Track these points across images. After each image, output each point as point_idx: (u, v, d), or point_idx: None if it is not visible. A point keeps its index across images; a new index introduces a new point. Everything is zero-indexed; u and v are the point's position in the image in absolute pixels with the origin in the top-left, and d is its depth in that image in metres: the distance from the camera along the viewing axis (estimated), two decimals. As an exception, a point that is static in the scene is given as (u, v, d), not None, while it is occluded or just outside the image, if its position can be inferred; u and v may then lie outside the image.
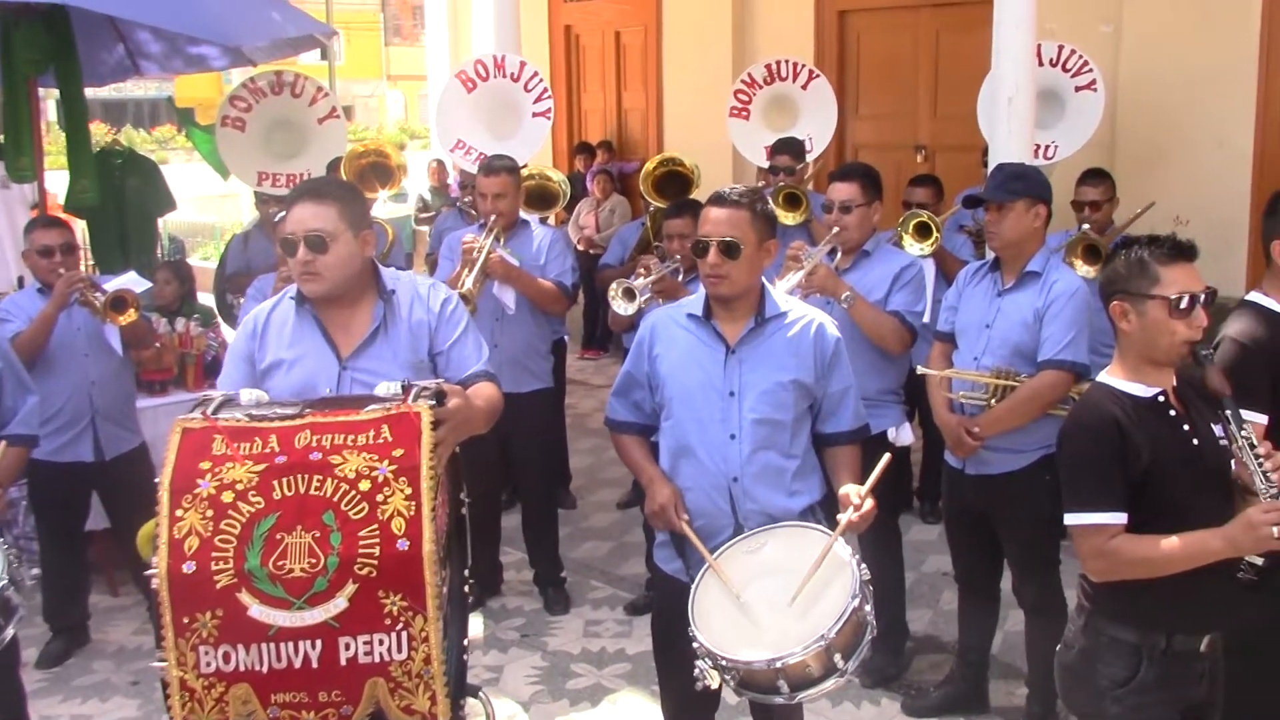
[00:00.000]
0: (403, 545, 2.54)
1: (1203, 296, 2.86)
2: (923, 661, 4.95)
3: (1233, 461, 2.86)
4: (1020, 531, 4.19)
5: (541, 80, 7.09)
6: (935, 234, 5.49)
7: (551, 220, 6.92)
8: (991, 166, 5.84)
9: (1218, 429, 2.93)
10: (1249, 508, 2.70)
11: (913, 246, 5.60)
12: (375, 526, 2.56)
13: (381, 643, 2.56)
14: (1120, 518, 2.78)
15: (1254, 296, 3.54)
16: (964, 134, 7.01)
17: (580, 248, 10.41)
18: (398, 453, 2.62)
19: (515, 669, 5.02)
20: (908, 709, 4.58)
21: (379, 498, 2.57)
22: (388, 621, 2.55)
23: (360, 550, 2.54)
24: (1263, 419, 3.24)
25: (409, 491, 2.58)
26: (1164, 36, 7.73)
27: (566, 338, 6.20)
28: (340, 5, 23.96)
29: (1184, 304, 2.82)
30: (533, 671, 5.00)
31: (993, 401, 4.16)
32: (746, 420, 3.27)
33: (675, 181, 6.94)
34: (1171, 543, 2.73)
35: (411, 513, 2.56)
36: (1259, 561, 2.90)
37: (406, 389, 2.83)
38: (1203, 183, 7.61)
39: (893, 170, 8.21)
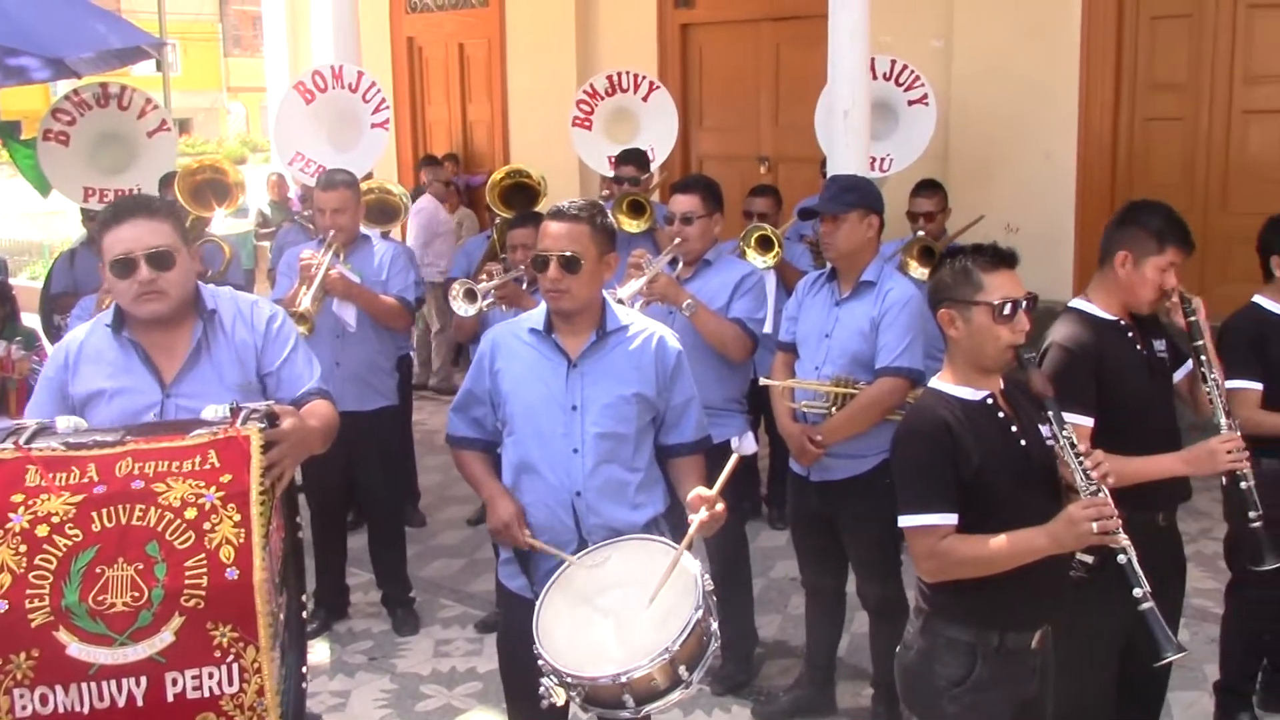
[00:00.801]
0: (232, 574, 2.45)
1: (1024, 302, 2.95)
2: (772, 667, 5.00)
3: (1059, 461, 2.97)
4: (863, 534, 4.28)
5: (379, 90, 6.98)
6: (777, 247, 5.56)
7: (396, 234, 6.81)
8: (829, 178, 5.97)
9: (1045, 430, 3.03)
10: (1071, 504, 2.80)
11: (756, 259, 5.67)
12: (202, 556, 2.46)
13: (211, 676, 2.46)
14: (951, 519, 2.85)
15: (1078, 303, 3.66)
16: (805, 145, 7.15)
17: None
18: (225, 478, 2.52)
19: (363, 693, 4.90)
20: (757, 715, 4.62)
21: (206, 526, 2.47)
22: (217, 654, 2.45)
23: (187, 581, 2.44)
24: (1088, 421, 3.36)
25: (238, 518, 2.48)
26: (992, 51, 8.02)
27: (412, 354, 6.09)
28: (176, 15, 23.24)
29: (1007, 310, 2.90)
30: (381, 695, 4.89)
31: (833, 409, 4.24)
32: (589, 434, 3.26)
33: (522, 193, 6.89)
34: (999, 541, 2.81)
35: (241, 540, 2.47)
36: (1090, 559, 3.00)
37: (235, 412, 2.73)
38: (1031, 192, 7.92)
39: (737, 181, 8.33)
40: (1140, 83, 7.72)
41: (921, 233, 6.11)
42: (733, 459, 3.18)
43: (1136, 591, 2.86)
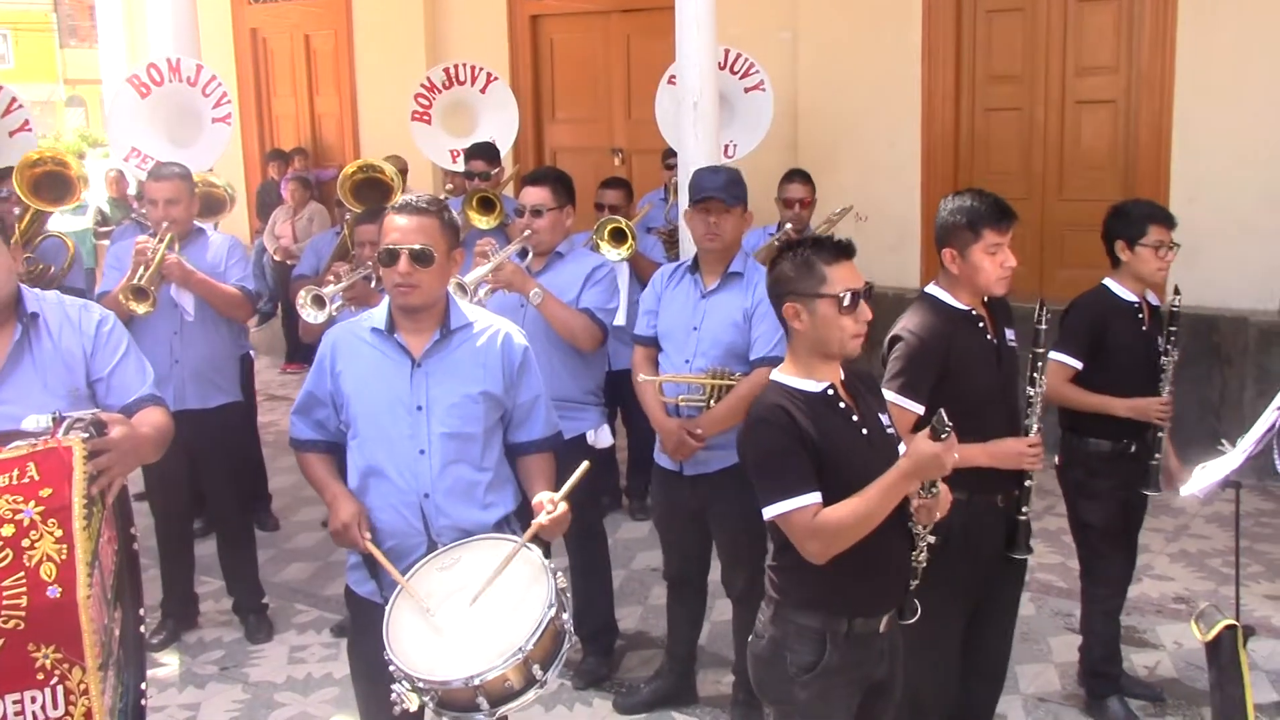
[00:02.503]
0: (54, 593, 2.33)
1: (865, 291, 2.99)
2: (634, 658, 5.00)
3: (901, 446, 3.02)
4: (734, 523, 4.26)
5: (221, 84, 6.77)
6: (630, 239, 5.57)
7: (253, 232, 6.61)
8: (682, 170, 5.99)
9: (884, 419, 3.08)
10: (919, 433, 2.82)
11: (610, 252, 5.67)
12: (21, 574, 2.33)
13: (34, 700, 2.34)
14: (816, 496, 2.85)
15: (932, 289, 3.74)
16: (659, 137, 7.17)
17: (277, 258, 10.04)
18: (45, 492, 2.40)
19: (214, 704, 4.75)
20: (619, 707, 4.62)
21: (25, 543, 2.35)
22: (40, 676, 2.33)
23: (5, 601, 2.32)
24: (919, 409, 3.45)
25: (59, 534, 2.37)
26: (837, 44, 8.16)
27: (253, 352, 5.92)
28: (6, 4, 22.15)
29: (849, 300, 2.94)
30: (233, 705, 4.74)
31: (711, 402, 4.21)
32: (435, 435, 3.20)
33: (376, 188, 6.76)
34: (867, 491, 2.82)
35: (63, 557, 2.36)
36: (933, 539, 3.06)
37: (58, 421, 2.60)
38: (879, 181, 8.09)
39: (591, 173, 8.33)
40: (979, 74, 7.94)
41: (789, 225, 6.19)
42: (581, 467, 3.16)
43: None
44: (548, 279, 4.55)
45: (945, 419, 2.75)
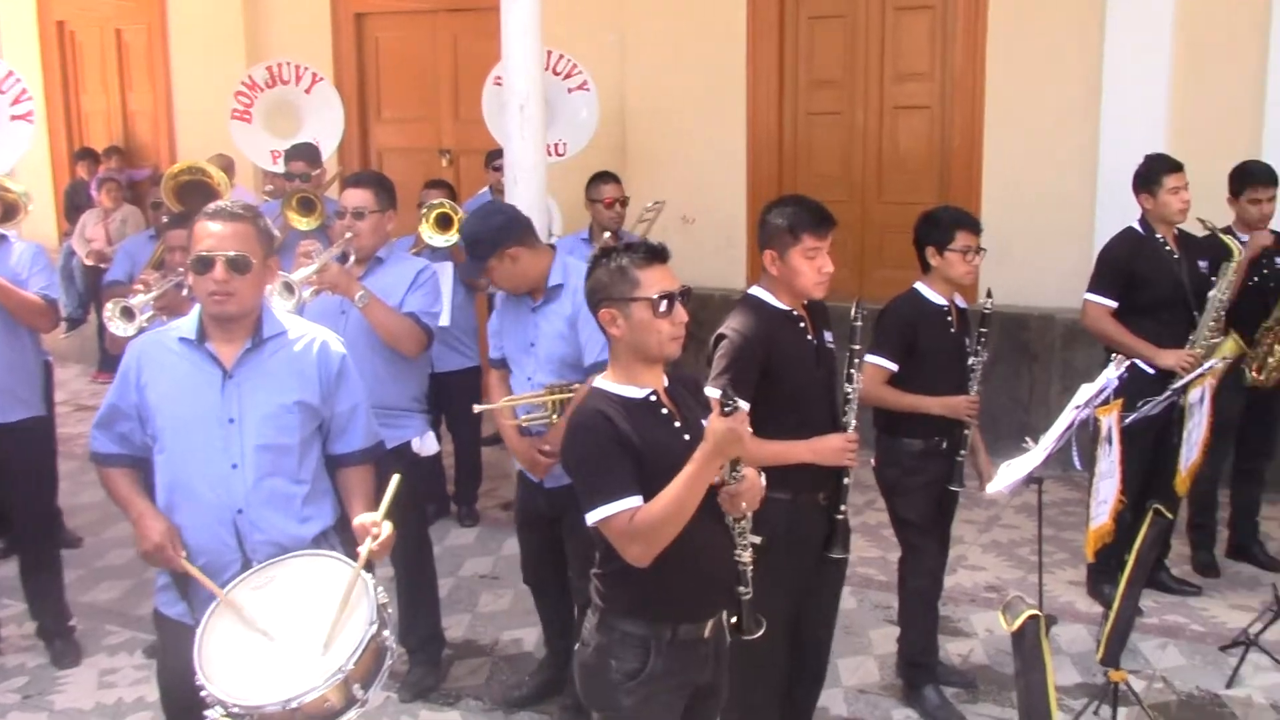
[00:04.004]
0: None
1: (680, 295, 3.01)
2: (462, 668, 4.94)
3: None
4: (585, 532, 4.24)
5: (20, 80, 6.43)
6: (456, 226, 5.51)
7: (61, 235, 6.29)
8: (509, 172, 5.96)
9: (706, 423, 3.11)
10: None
11: (434, 238, 5.61)
12: None
13: None
14: (637, 500, 2.85)
15: (755, 290, 3.81)
16: (489, 138, 7.12)
17: (89, 262, 9.61)
18: None
19: (18, 735, 4.53)
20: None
21: None
22: None
23: None
24: (744, 405, 3.50)
25: None
26: (664, 47, 8.23)
27: (50, 359, 5.64)
28: None
29: (664, 305, 2.95)
30: (39, 735, 4.53)
31: (554, 417, 4.22)
32: (249, 448, 3.10)
33: (200, 190, 6.51)
34: (674, 482, 2.80)
35: None
36: (758, 540, 3.10)
37: None
38: (706, 183, 8.19)
39: (419, 173, 8.24)
40: (802, 79, 8.11)
41: (607, 232, 6.23)
42: (393, 483, 3.10)
43: None
44: (369, 283, 4.46)
45: (731, 393, 2.78)
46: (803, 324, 3.75)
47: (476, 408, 4.46)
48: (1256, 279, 5.40)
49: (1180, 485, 4.77)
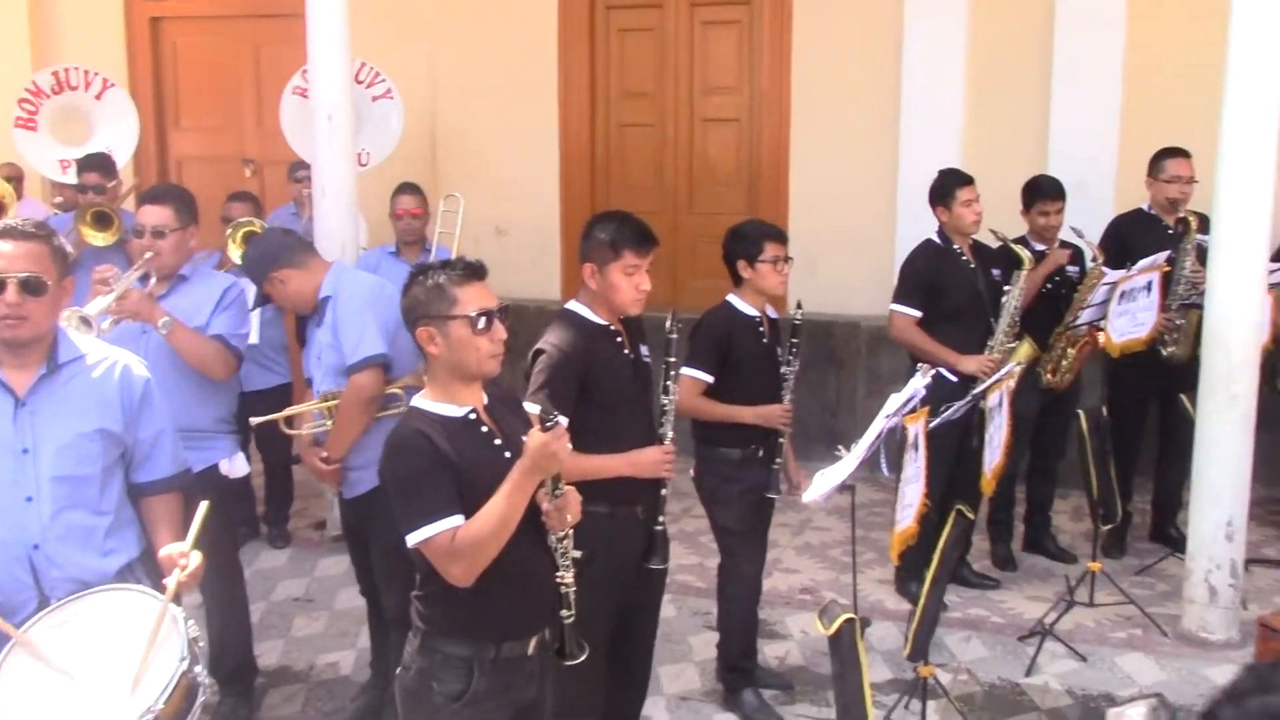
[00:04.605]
0: None
1: (498, 312, 3.00)
2: (276, 695, 4.80)
3: None
4: (383, 543, 4.19)
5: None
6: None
7: None
8: (317, 184, 5.84)
9: (527, 439, 3.11)
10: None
11: (239, 255, 5.46)
12: None
13: None
14: (458, 519, 2.82)
15: (573, 305, 3.83)
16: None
17: None
18: None
19: None
20: None
21: None
22: None
23: None
24: (564, 420, 3.51)
25: None
26: (476, 58, 8.19)
27: None
28: None
29: (483, 322, 2.94)
30: None
31: (329, 424, 4.20)
32: (45, 479, 2.94)
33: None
34: (494, 499, 2.79)
35: None
36: (579, 554, 3.11)
37: None
38: (519, 194, 8.18)
39: (220, 183, 7.99)
40: (613, 91, 8.19)
41: (403, 245, 6.20)
42: (201, 509, 2.99)
43: None
44: (172, 303, 4.30)
45: (550, 408, 2.80)
46: (620, 339, 3.79)
47: (253, 421, 4.48)
48: (1049, 286, 5.70)
49: (986, 486, 5.00)
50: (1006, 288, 5.44)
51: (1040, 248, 5.73)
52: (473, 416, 2.99)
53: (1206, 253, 5.21)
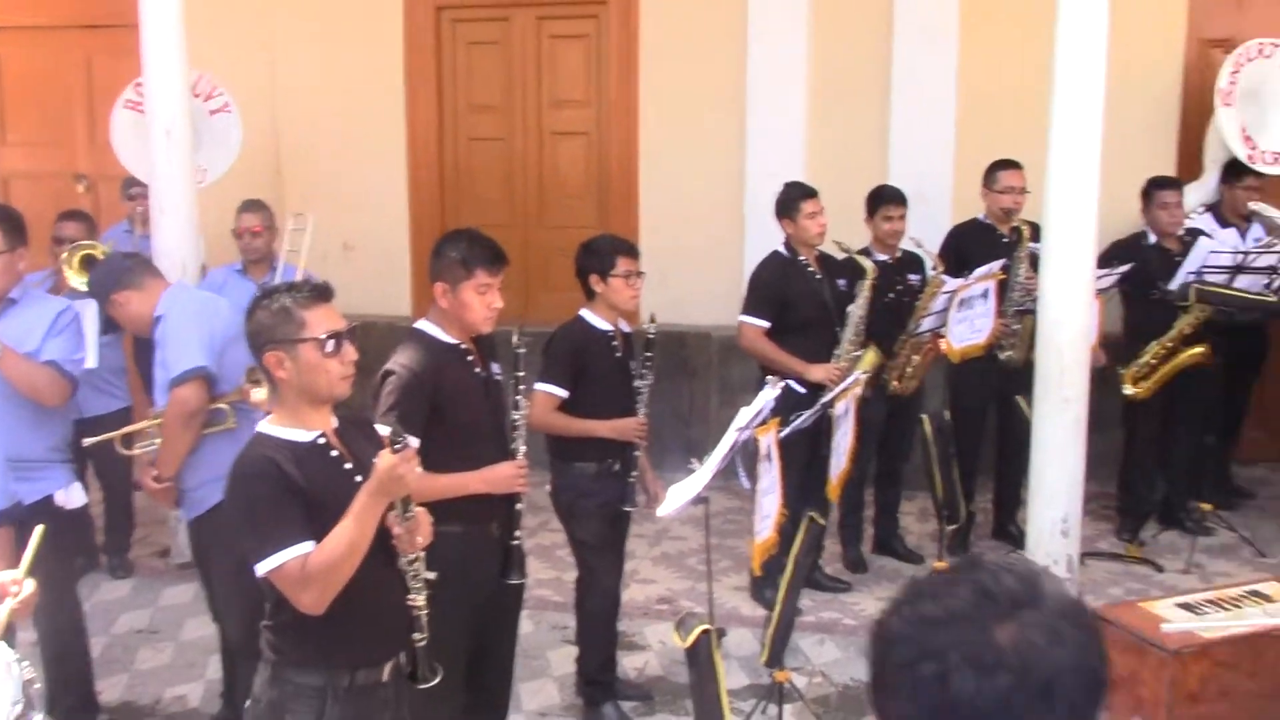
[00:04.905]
0: None
1: (347, 333, 2.96)
2: (121, 732, 4.64)
3: None
4: (223, 568, 4.09)
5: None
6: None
7: None
8: (155, 201, 5.67)
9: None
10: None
11: (77, 280, 5.27)
12: None
13: None
14: (308, 546, 2.76)
15: (422, 324, 3.79)
16: (129, 162, 6.73)
17: None
18: None
19: None
20: None
21: None
22: None
23: None
24: (414, 442, 3.47)
25: None
26: (319, 72, 8.06)
27: None
28: None
29: (332, 344, 2.89)
30: None
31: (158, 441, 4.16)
32: None
33: None
34: (342, 522, 2.75)
35: None
36: (432, 576, 3.07)
37: None
38: (366, 209, 8.06)
39: (51, 200, 7.66)
40: (461, 105, 8.13)
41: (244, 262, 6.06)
42: (36, 534, 2.86)
43: None
44: (0, 328, 4.12)
45: (400, 430, 2.78)
46: (471, 357, 3.77)
47: (86, 442, 4.43)
48: (892, 295, 5.86)
49: (831, 493, 5.11)
50: (854, 296, 5.57)
51: (882, 257, 5.88)
52: (322, 441, 2.93)
53: (1039, 260, 5.43)
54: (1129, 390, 6.11)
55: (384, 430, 3.29)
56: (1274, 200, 6.78)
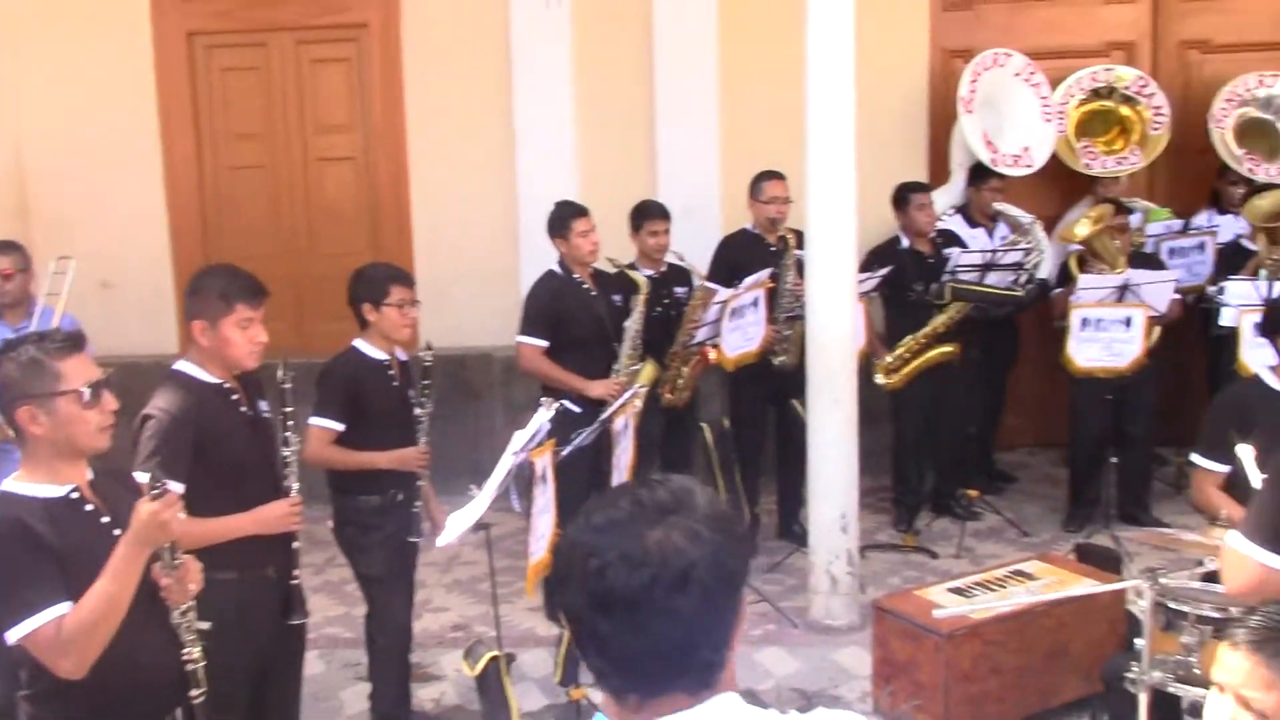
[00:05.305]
0: None
1: (105, 382, 2.83)
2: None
3: None
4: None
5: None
6: None
7: None
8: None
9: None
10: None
11: None
12: None
13: None
14: (64, 607, 2.63)
15: (182, 365, 3.65)
16: None
17: None
18: None
19: None
20: None
21: None
22: None
23: None
24: (180, 488, 3.33)
25: None
26: (66, 108, 7.67)
27: None
28: None
29: (90, 394, 2.76)
30: None
31: None
32: None
33: None
34: (101, 577, 2.64)
35: None
36: (206, 625, 2.96)
37: None
38: (124, 244, 7.72)
39: None
40: (220, 133, 7.85)
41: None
42: None
43: None
44: None
45: (160, 476, 2.70)
46: (235, 396, 3.65)
47: None
48: (659, 309, 5.95)
49: (612, 507, 5.14)
50: (629, 311, 5.64)
51: (649, 272, 5.95)
52: (75, 495, 2.79)
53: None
54: (881, 380, 6.38)
55: (143, 477, 3.16)
56: (1017, 200, 7.21)
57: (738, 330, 5.90)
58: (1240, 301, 5.70)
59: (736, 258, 6.28)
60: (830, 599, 5.45)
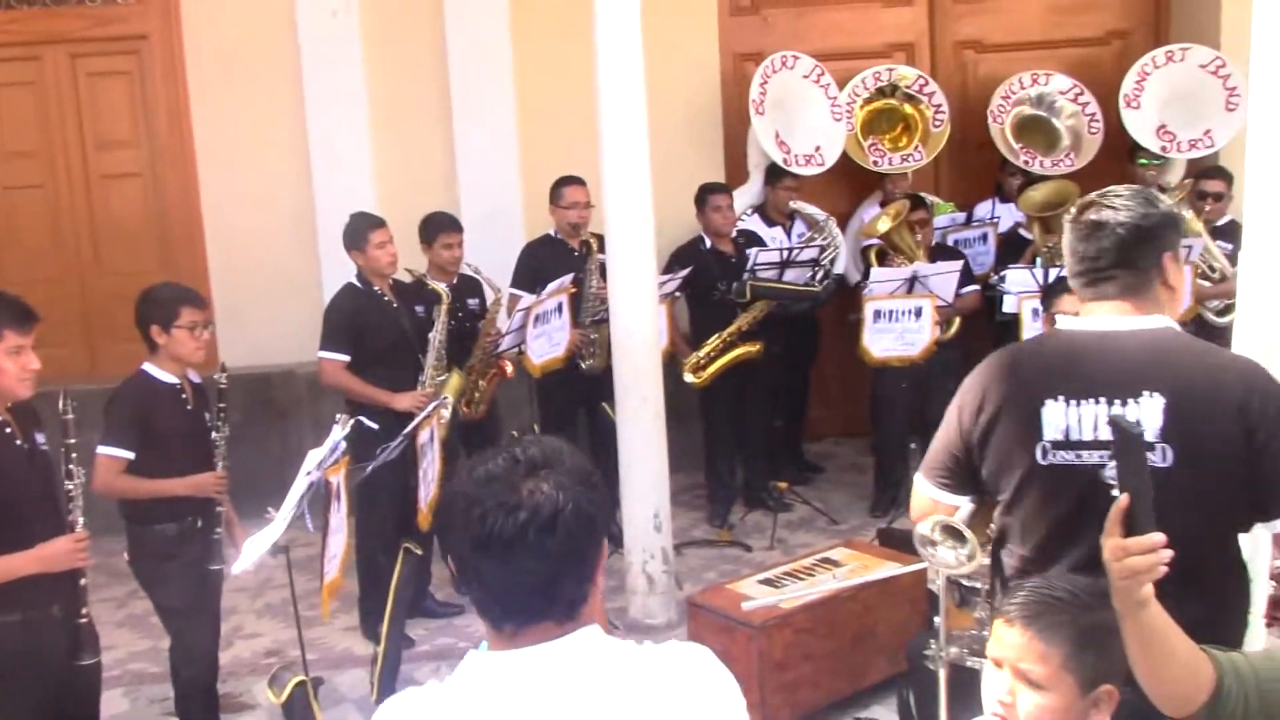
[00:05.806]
0: None
1: None
2: None
3: None
4: None
5: None
6: None
7: None
8: None
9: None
10: None
11: None
12: None
13: None
14: None
15: None
16: None
17: None
18: None
19: None
20: None
21: None
22: None
23: None
24: None
25: None
26: None
27: None
28: None
29: None
30: None
31: None
32: None
33: None
34: None
35: None
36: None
37: None
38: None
39: None
40: (-7, 151, 7.47)
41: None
42: None
43: None
44: None
45: None
46: (9, 429, 3.47)
47: None
48: (454, 321, 5.85)
49: (423, 521, 5.01)
50: (433, 322, 5.58)
51: (441, 284, 5.85)
52: None
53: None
54: (689, 378, 6.48)
55: None
56: (811, 198, 7.42)
57: (543, 337, 5.90)
58: (1020, 289, 5.98)
59: (540, 263, 6.29)
60: (648, 598, 5.50)
